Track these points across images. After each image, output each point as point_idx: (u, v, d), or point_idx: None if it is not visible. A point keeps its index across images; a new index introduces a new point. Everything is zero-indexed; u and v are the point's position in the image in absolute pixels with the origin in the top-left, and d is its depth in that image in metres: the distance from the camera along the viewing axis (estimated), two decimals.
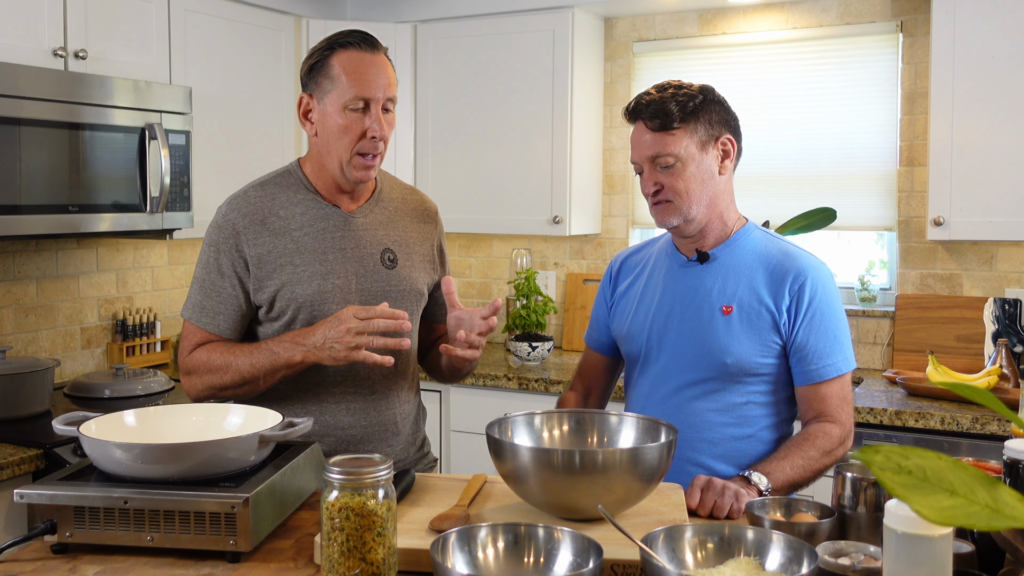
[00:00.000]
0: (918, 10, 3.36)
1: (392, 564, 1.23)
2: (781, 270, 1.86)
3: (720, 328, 1.86)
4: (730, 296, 1.87)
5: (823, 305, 1.84)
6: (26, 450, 2.42)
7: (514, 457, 1.45)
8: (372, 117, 1.83)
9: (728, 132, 1.89)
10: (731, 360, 1.84)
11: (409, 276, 1.96)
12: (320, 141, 1.88)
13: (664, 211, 1.87)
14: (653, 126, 1.84)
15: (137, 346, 3.46)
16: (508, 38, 3.71)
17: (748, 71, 3.65)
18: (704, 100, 1.85)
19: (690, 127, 1.84)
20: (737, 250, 1.91)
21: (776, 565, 1.22)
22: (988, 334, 3.19)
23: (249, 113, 3.48)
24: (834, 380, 1.84)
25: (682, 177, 1.84)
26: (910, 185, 3.42)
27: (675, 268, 1.96)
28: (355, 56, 1.83)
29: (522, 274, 3.70)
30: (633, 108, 1.89)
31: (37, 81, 2.62)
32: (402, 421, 1.98)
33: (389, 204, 2.00)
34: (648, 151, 1.85)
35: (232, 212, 1.88)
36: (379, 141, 1.84)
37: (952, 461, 0.85)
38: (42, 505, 1.38)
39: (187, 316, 1.91)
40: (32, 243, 3.13)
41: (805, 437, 1.80)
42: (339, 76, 1.82)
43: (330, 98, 1.83)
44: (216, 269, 1.87)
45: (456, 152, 3.83)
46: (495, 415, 1.73)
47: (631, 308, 2.01)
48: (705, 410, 1.87)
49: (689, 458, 1.87)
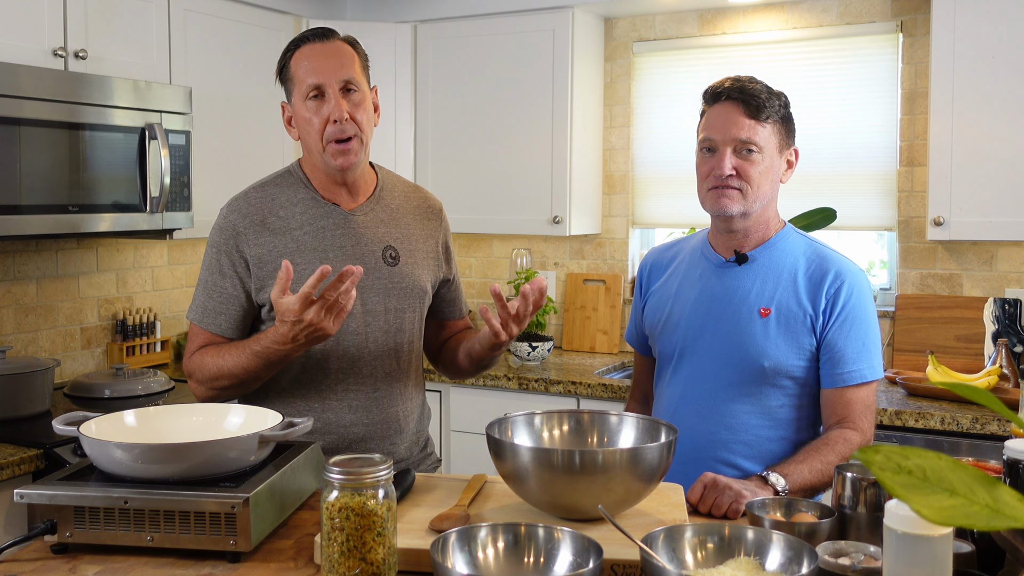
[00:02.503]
0: (918, 10, 3.36)
1: (392, 564, 1.23)
2: (819, 272, 1.86)
3: (758, 331, 1.85)
4: (768, 298, 1.87)
5: (856, 309, 1.84)
6: (26, 450, 2.42)
7: (514, 457, 1.45)
8: (329, 102, 1.83)
9: (795, 145, 1.92)
10: (768, 363, 1.84)
11: (412, 273, 1.96)
12: (302, 141, 1.90)
13: (729, 197, 1.85)
14: (747, 111, 1.84)
15: (137, 346, 3.46)
16: (508, 38, 3.71)
17: (748, 71, 3.62)
18: (787, 105, 1.89)
19: (776, 125, 1.86)
20: (776, 252, 1.90)
21: (776, 565, 1.22)
22: (988, 334, 3.19)
23: (249, 113, 3.48)
24: (861, 387, 1.83)
25: (759, 168, 1.84)
26: (910, 185, 3.42)
27: (712, 268, 1.95)
28: (308, 50, 1.86)
29: (522, 274, 3.70)
30: (725, 88, 1.87)
31: (37, 81, 2.62)
32: (405, 419, 1.98)
33: (391, 202, 2.00)
34: (738, 132, 1.83)
35: (232, 213, 1.89)
36: (345, 124, 1.83)
37: (952, 461, 0.85)
38: (42, 505, 1.38)
39: (192, 318, 1.92)
40: (32, 243, 3.13)
41: (825, 442, 1.79)
42: (296, 72, 1.86)
43: (295, 97, 1.87)
44: (218, 270, 1.88)
45: (456, 152, 3.83)
46: (495, 415, 1.73)
47: (665, 307, 2.00)
48: (741, 412, 1.87)
49: (724, 459, 1.87)
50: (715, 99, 1.88)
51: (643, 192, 3.91)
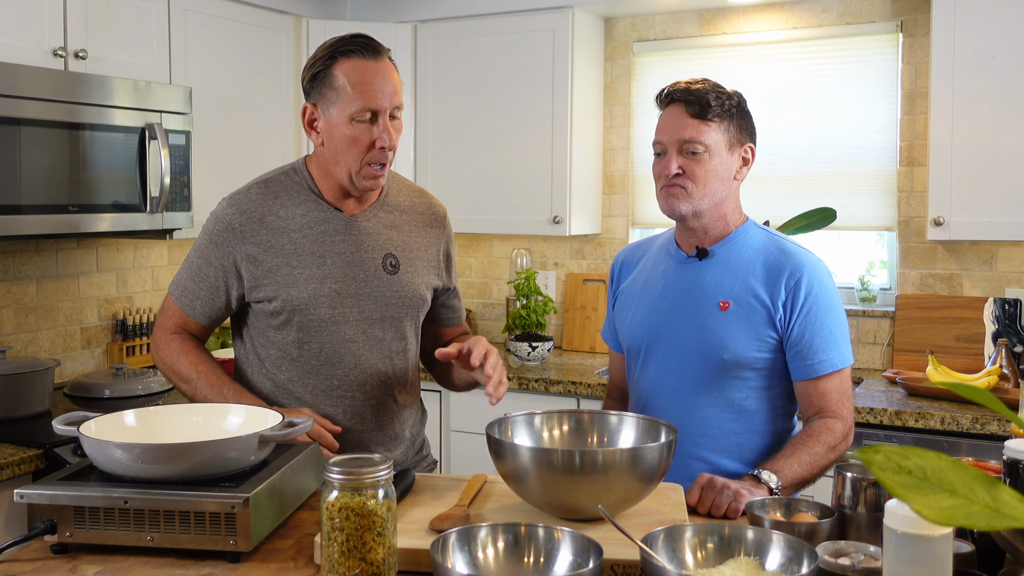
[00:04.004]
0: (918, 10, 3.36)
1: (392, 564, 1.23)
2: (777, 266, 1.88)
3: (717, 323, 1.87)
4: (727, 292, 1.88)
5: (819, 301, 1.85)
6: (26, 450, 2.42)
7: (514, 457, 1.45)
8: (380, 128, 1.79)
9: (750, 142, 1.93)
10: (728, 355, 1.85)
11: (411, 282, 1.93)
12: (327, 151, 1.84)
13: (677, 196, 1.87)
14: (692, 111, 1.86)
15: (137, 346, 3.46)
16: (508, 38, 3.71)
17: (748, 71, 3.65)
18: (739, 104, 1.90)
19: (724, 123, 1.87)
20: (735, 247, 1.92)
21: (776, 565, 1.22)
22: (988, 334, 3.19)
23: (249, 113, 3.48)
24: (833, 375, 1.85)
25: (706, 167, 1.86)
26: (910, 185, 3.42)
27: (675, 264, 1.97)
28: (359, 65, 1.78)
29: (522, 274, 3.70)
30: (670, 92, 1.91)
31: (37, 81, 2.61)
32: (401, 426, 1.98)
33: (395, 208, 1.97)
34: (681, 134, 1.86)
35: (231, 208, 1.88)
36: (388, 151, 1.81)
37: (952, 461, 0.85)
38: (42, 505, 1.38)
39: (171, 292, 1.94)
40: (32, 243, 3.13)
41: (809, 434, 1.81)
42: (343, 87, 1.77)
43: (336, 109, 1.79)
44: (205, 256, 1.88)
45: (456, 152, 3.83)
46: (495, 415, 1.73)
47: (632, 305, 2.02)
48: (705, 405, 1.89)
49: (691, 453, 1.89)
50: (665, 103, 1.93)
51: (643, 192, 3.91)
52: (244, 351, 1.95)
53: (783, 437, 1.90)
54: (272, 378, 1.90)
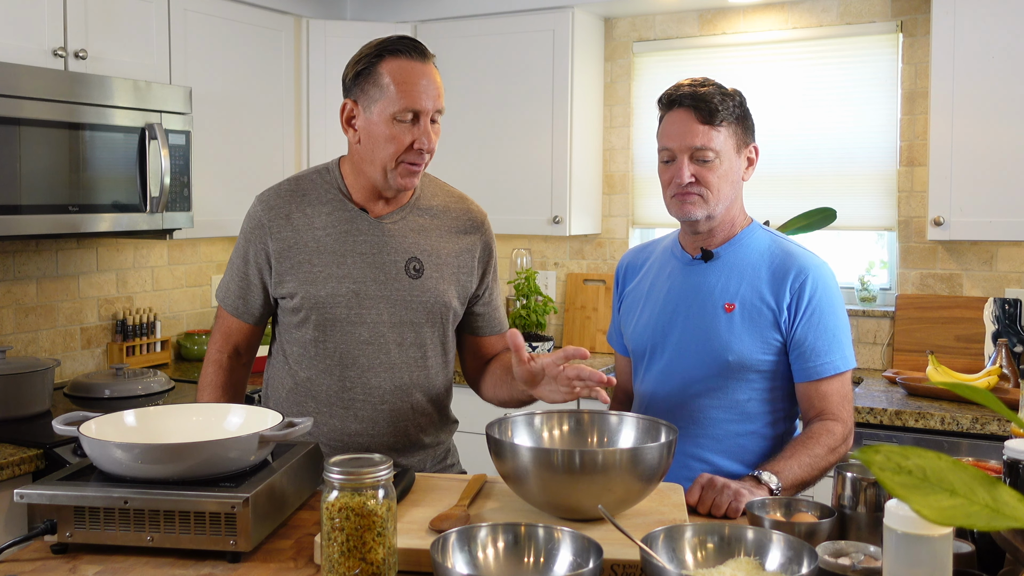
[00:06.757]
0: (918, 10, 3.36)
1: (392, 564, 1.23)
2: (783, 268, 1.87)
3: (722, 325, 1.86)
4: (732, 294, 1.88)
5: (823, 303, 1.85)
6: (26, 450, 2.42)
7: (514, 457, 1.45)
8: (421, 129, 1.78)
9: (754, 141, 1.93)
10: (732, 357, 1.85)
11: (435, 288, 1.89)
12: (363, 148, 1.83)
13: (692, 203, 1.86)
14: (700, 117, 1.83)
15: (137, 346, 3.46)
16: (508, 38, 3.71)
17: (748, 71, 3.65)
18: (741, 104, 1.89)
19: (732, 127, 1.86)
20: (741, 249, 1.92)
21: (776, 565, 1.22)
22: (988, 334, 3.19)
23: (249, 113, 3.48)
24: (835, 378, 1.85)
25: (718, 173, 1.85)
26: (910, 185, 3.42)
27: (680, 267, 1.97)
28: (405, 65, 1.77)
29: (522, 274, 3.70)
30: (676, 96, 1.87)
31: (37, 81, 2.61)
32: (417, 433, 1.95)
33: (426, 211, 1.93)
34: (692, 141, 1.83)
35: (260, 205, 1.91)
36: (426, 152, 1.80)
37: (952, 461, 0.85)
38: (42, 505, 1.38)
39: (217, 297, 1.98)
40: (32, 243, 3.13)
41: (810, 435, 1.80)
42: (388, 85, 1.76)
43: (377, 107, 1.78)
44: (243, 257, 1.92)
45: (456, 152, 3.83)
46: (495, 415, 1.73)
47: (637, 307, 2.02)
48: (708, 407, 1.88)
49: (693, 454, 1.89)
50: (669, 106, 1.89)
51: (643, 192, 3.91)
52: (275, 347, 1.99)
53: (785, 439, 1.90)
54: (293, 375, 1.91)
